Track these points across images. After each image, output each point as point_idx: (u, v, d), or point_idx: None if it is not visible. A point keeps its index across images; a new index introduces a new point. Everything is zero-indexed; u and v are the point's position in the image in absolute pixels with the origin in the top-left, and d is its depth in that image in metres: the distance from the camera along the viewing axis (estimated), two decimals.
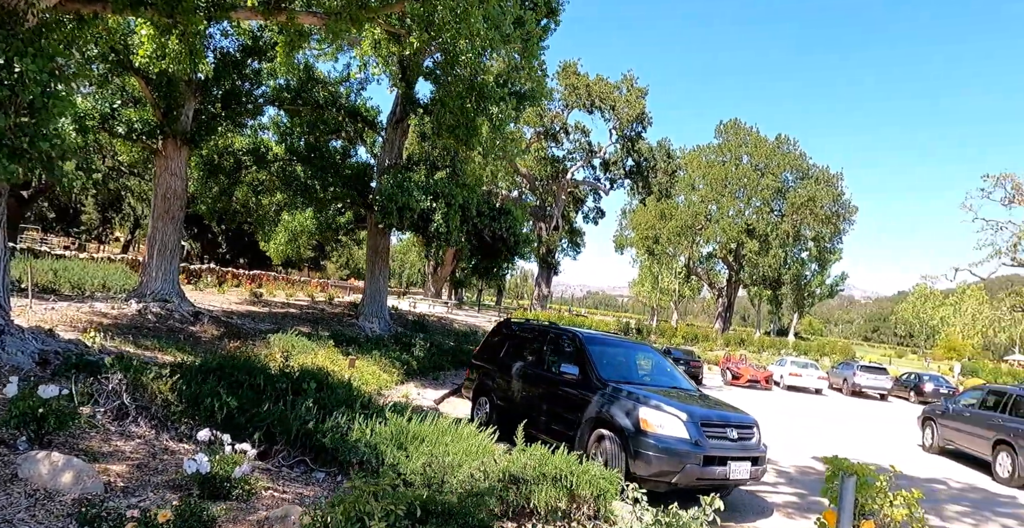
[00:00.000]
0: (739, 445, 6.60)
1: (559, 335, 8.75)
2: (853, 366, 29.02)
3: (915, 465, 12.12)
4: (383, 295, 21.86)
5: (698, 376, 24.41)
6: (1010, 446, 11.10)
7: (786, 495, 8.36)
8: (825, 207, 43.65)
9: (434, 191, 16.70)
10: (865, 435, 15.88)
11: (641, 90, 37.13)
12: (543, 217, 38.97)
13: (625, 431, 6.53)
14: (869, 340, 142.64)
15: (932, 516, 8.26)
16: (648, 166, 38.50)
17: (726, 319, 48.80)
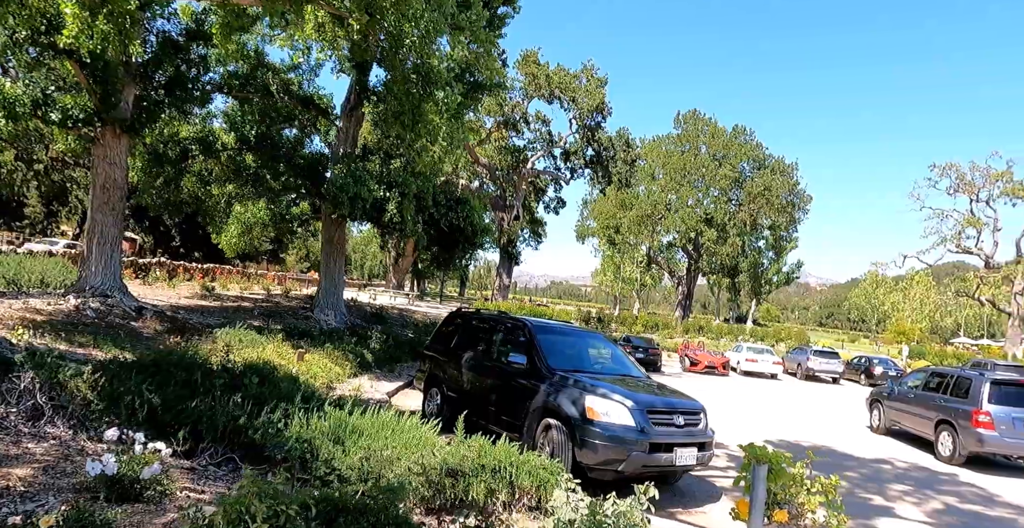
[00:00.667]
0: (685, 431, 6.59)
1: (509, 324, 8.64)
2: (807, 351, 29.72)
3: (863, 446, 12.43)
4: (339, 287, 21.46)
5: (656, 363, 24.70)
6: (951, 425, 11.43)
7: (732, 478, 8.43)
8: (781, 196, 44.51)
9: (387, 181, 16.40)
10: (817, 418, 16.22)
11: (601, 80, 37.15)
12: (503, 207, 38.78)
13: (571, 420, 6.47)
14: (824, 325, 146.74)
15: (877, 495, 8.45)
16: (608, 156, 38.60)
17: (686, 307, 49.50)
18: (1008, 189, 41.40)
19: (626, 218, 43.53)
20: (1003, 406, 10.88)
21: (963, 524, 7.38)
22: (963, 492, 9.23)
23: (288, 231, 29.04)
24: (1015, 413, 10.79)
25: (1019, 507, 8.64)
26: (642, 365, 24.17)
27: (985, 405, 10.89)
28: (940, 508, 8.07)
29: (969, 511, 8.09)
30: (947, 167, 44.11)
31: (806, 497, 2.71)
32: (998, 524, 7.61)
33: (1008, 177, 42.11)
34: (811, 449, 11.79)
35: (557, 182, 42.11)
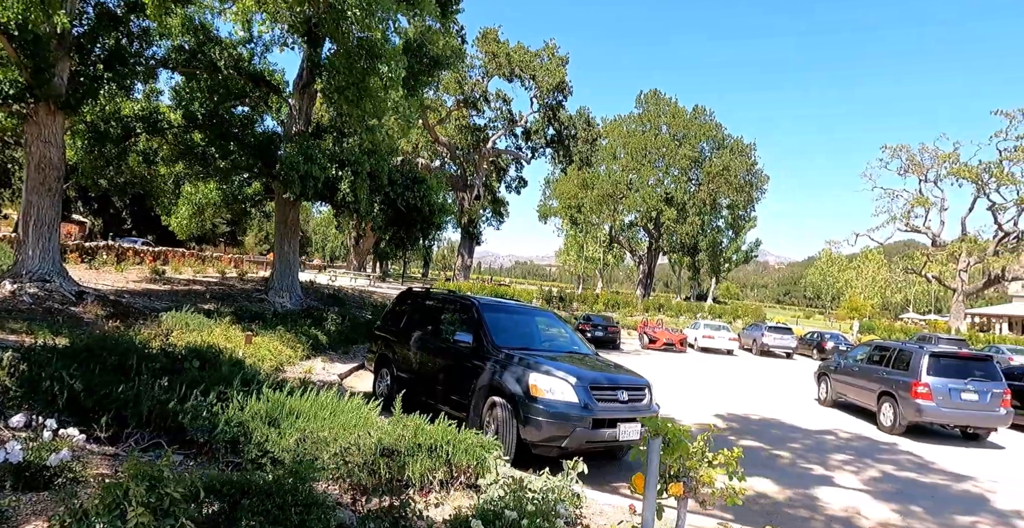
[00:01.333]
0: (629, 407, 6.64)
1: (456, 303, 8.57)
2: (761, 327, 30.41)
3: (809, 418, 12.77)
4: (294, 268, 21.08)
5: (615, 341, 24.99)
6: (892, 397, 11.81)
7: None
8: (739, 176, 45.12)
9: (340, 159, 16.03)
10: (768, 391, 16.61)
11: (562, 58, 36.83)
12: (464, 187, 38.42)
13: (516, 397, 6.46)
14: (781, 302, 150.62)
15: (818, 465, 8.68)
16: (569, 135, 38.45)
17: (647, 286, 50.08)
18: (954, 170, 42.65)
19: (588, 198, 43.63)
20: (940, 378, 11.29)
21: (897, 491, 7.64)
22: (901, 460, 9.56)
23: (241, 212, 28.25)
24: (951, 384, 11.20)
25: (952, 473, 8.99)
26: (601, 343, 24.57)
27: (924, 377, 11.28)
28: (877, 476, 8.34)
29: (905, 478, 8.39)
30: (898, 148, 45.25)
31: (706, 470, 2.70)
32: (931, 490, 7.89)
33: (954, 158, 43.38)
34: (760, 421, 12.11)
35: (518, 161, 41.86)
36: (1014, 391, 13.80)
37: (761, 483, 7.31)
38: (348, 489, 4.84)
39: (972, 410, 11.16)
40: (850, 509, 6.63)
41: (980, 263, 42.63)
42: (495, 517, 3.23)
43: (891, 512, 6.68)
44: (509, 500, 3.49)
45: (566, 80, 36.27)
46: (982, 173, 41.52)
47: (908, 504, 7.03)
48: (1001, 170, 40.95)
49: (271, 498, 2.63)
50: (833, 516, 6.33)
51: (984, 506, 7.33)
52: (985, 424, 11.33)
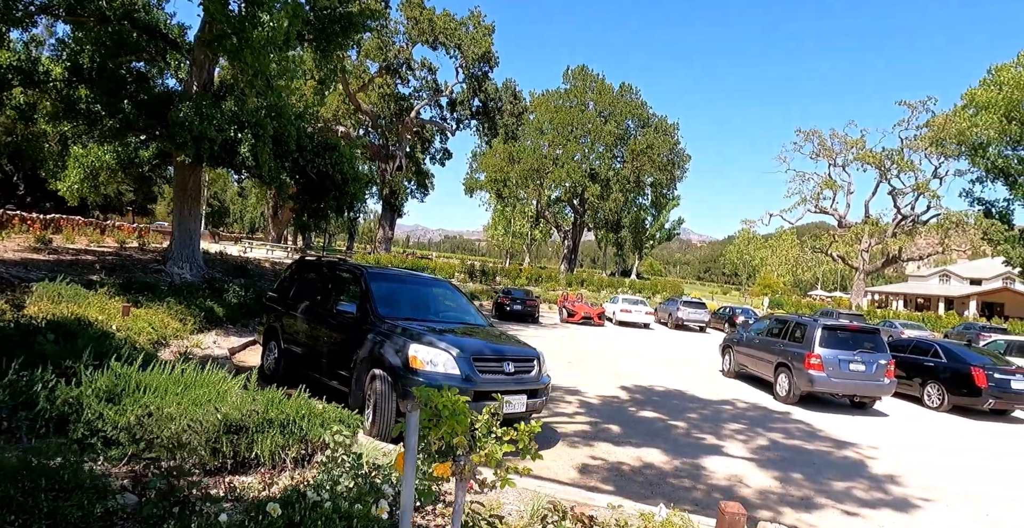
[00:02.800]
0: (515, 378, 6.40)
1: (344, 272, 8.09)
2: (677, 302, 31.19)
3: (711, 389, 13.03)
4: (195, 238, 19.83)
5: (534, 314, 25.00)
6: (788, 368, 12.18)
7: (580, 425, 8.48)
8: (662, 155, 45.82)
9: (240, 120, 14.99)
10: (677, 364, 16.89)
11: (488, 28, 35.94)
12: (386, 157, 37.22)
13: (395, 370, 6.11)
14: (702, 279, 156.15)
15: (710, 435, 8.77)
16: (495, 107, 37.80)
17: (571, 261, 50.53)
18: (859, 155, 44.78)
19: (513, 172, 43.31)
20: (832, 349, 11.70)
21: (782, 458, 7.79)
22: (791, 429, 9.83)
23: (140, 177, 26.37)
24: (841, 355, 11.63)
25: (836, 440, 9.30)
26: (520, 316, 24.46)
27: (816, 348, 11.66)
28: (766, 444, 8.51)
29: (792, 446, 8.59)
30: (810, 133, 47.07)
31: (494, 445, 2.43)
32: (813, 456, 8.10)
33: (861, 145, 45.51)
34: (663, 392, 12.22)
35: (443, 133, 40.94)
36: (901, 362, 14.64)
37: (651, 454, 7.29)
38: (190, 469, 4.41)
39: (859, 380, 11.65)
40: (733, 478, 6.67)
41: (880, 244, 45.17)
42: (299, 499, 2.90)
43: (772, 479, 6.77)
44: (322, 479, 3.15)
45: (492, 50, 35.47)
46: (885, 160, 43.78)
47: (790, 471, 7.16)
48: (901, 157, 43.29)
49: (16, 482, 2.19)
50: (716, 485, 6.34)
51: (861, 471, 7.56)
52: (871, 393, 11.88)
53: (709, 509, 5.52)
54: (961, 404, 13.11)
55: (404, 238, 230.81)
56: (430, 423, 2.34)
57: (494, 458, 2.40)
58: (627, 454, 7.13)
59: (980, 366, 13.00)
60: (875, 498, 6.49)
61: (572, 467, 6.40)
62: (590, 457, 6.86)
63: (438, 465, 2.20)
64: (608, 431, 8.26)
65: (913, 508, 6.31)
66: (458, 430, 2.30)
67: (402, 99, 37.93)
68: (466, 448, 2.34)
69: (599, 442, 7.59)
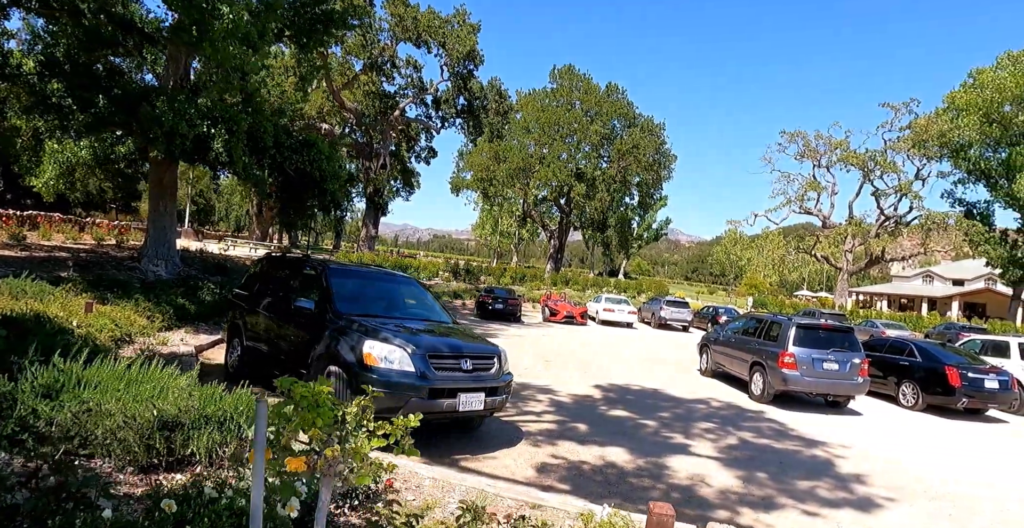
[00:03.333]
0: (473, 376, 6.28)
1: (306, 268, 7.95)
2: (660, 301, 31.20)
3: (687, 388, 12.96)
4: (170, 234, 19.55)
5: (516, 313, 24.90)
6: (762, 366, 12.14)
7: (546, 423, 8.37)
8: (648, 154, 45.82)
9: (213, 116, 14.77)
10: (656, 362, 16.83)
11: (473, 26, 35.76)
12: (370, 155, 36.94)
13: (350, 366, 5.99)
14: (690, 279, 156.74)
15: (679, 434, 8.69)
16: (480, 106, 37.60)
17: (558, 260, 50.46)
18: (843, 156, 45.05)
19: (499, 171, 43.18)
20: (805, 348, 11.67)
21: (749, 457, 7.72)
22: (762, 428, 9.77)
23: (118, 173, 26.00)
24: (815, 354, 11.60)
25: (807, 439, 9.25)
26: (502, 315, 24.35)
27: (790, 347, 11.62)
28: (735, 443, 8.44)
29: (761, 445, 8.53)
30: (795, 134, 47.29)
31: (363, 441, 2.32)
32: (781, 455, 8.04)
33: (845, 146, 45.78)
34: (638, 391, 12.14)
35: (428, 131, 40.69)
36: (877, 362, 14.67)
37: (615, 453, 7.19)
38: (124, 466, 4.29)
39: (833, 379, 11.62)
40: (696, 477, 6.59)
41: (863, 245, 45.45)
42: (198, 494, 2.79)
43: (735, 479, 6.70)
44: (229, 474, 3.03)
45: (477, 49, 35.29)
46: (868, 161, 44.05)
47: (755, 471, 7.09)
48: (884, 158, 43.57)
49: None
50: (676, 484, 6.25)
51: (828, 471, 7.50)
52: (844, 392, 11.85)
53: None
54: (935, 403, 13.13)
55: (392, 237, 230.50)
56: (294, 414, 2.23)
57: (359, 453, 2.27)
58: (590, 453, 7.04)
59: (954, 365, 13.02)
60: (838, 498, 6.43)
61: (531, 466, 6.30)
62: (551, 456, 6.75)
63: (291, 459, 2.08)
64: (575, 430, 8.17)
65: (876, 508, 6.26)
66: (318, 422, 2.19)
67: (387, 97, 37.68)
68: (321, 442, 2.22)
69: (563, 441, 7.49)
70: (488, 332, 20.11)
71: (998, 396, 13.02)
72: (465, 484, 4.87)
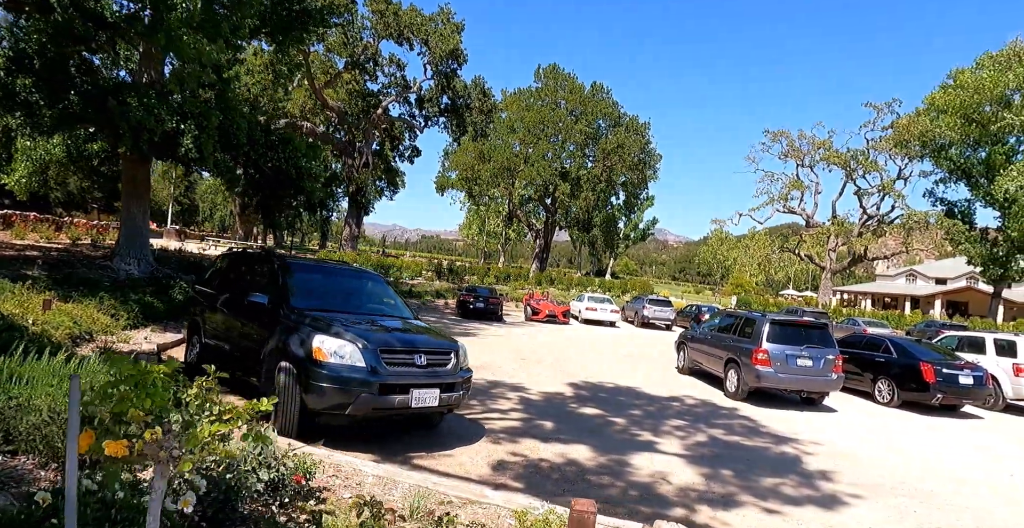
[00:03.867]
0: (428, 372, 6.12)
1: (263, 263, 7.76)
2: (643, 300, 31.13)
3: (663, 386, 12.84)
4: (143, 232, 19.22)
5: (497, 312, 24.73)
6: (736, 363, 12.05)
7: (512, 421, 8.22)
8: (633, 154, 45.78)
9: (182, 111, 14.51)
10: (635, 361, 16.69)
11: (457, 25, 35.55)
12: (353, 154, 36.64)
13: (299, 361, 5.82)
14: (677, 279, 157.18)
15: (649, 431, 8.57)
16: (463, 104, 37.39)
17: (543, 260, 50.34)
18: (825, 156, 45.25)
19: (484, 170, 42.98)
20: (779, 344, 11.58)
21: (716, 454, 7.61)
22: (733, 425, 9.67)
23: (92, 171, 25.57)
24: (788, 350, 11.52)
25: (778, 436, 9.16)
26: (483, 314, 24.14)
27: (764, 344, 11.54)
28: (704, 440, 8.33)
29: (730, 442, 8.42)
30: (779, 134, 47.43)
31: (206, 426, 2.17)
32: (750, 452, 7.94)
33: (828, 145, 45.98)
34: (612, 389, 12.01)
35: (412, 130, 40.40)
36: (853, 358, 14.65)
37: (579, 450, 7.05)
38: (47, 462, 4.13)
39: (807, 375, 11.55)
40: (657, 475, 6.46)
41: (846, 244, 45.67)
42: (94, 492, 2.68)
43: (699, 476, 6.57)
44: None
45: (461, 47, 35.06)
46: (850, 160, 44.26)
47: (720, 468, 6.97)
48: (866, 158, 43.81)
49: None
50: (636, 483, 6.12)
51: (795, 468, 7.41)
52: (818, 388, 11.77)
53: (620, 506, 5.29)
54: (910, 399, 13.10)
55: (380, 237, 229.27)
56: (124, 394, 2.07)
57: (194, 438, 2.11)
58: (552, 451, 6.89)
59: (929, 362, 13.00)
60: (802, 495, 6.32)
61: (487, 463, 6.14)
62: (511, 454, 6.60)
63: (109, 443, 1.92)
64: (540, 428, 8.02)
65: (840, 505, 6.15)
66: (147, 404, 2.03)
67: (370, 95, 37.40)
68: (141, 425, 2.05)
69: (526, 439, 7.34)
70: (467, 331, 19.95)
71: (973, 392, 13.02)
72: (410, 481, 4.70)
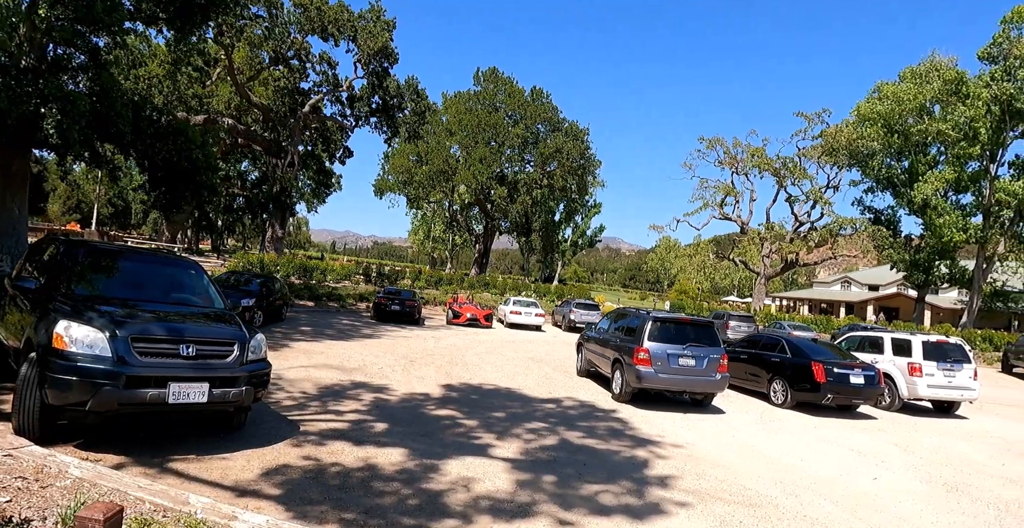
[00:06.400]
0: (196, 364, 5.37)
1: (46, 245, 6.91)
2: (570, 304, 30.78)
3: (552, 388, 12.26)
4: (20, 229, 17.82)
5: (414, 315, 23.97)
6: (621, 364, 11.59)
7: (340, 423, 7.52)
8: (572, 159, 45.65)
9: (42, 94, 13.40)
10: (539, 363, 16.02)
11: (388, 22, 34.72)
12: (278, 153, 35.34)
13: (41, 351, 5.05)
14: (627, 286, 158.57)
15: (494, 434, 7.95)
16: (395, 105, 36.57)
17: (482, 265, 49.66)
18: (757, 163, 46.00)
19: (420, 172, 42.15)
20: (662, 343, 11.14)
21: (553, 459, 7.04)
22: (599, 428, 9.13)
23: None
24: (670, 350, 11.09)
25: (642, 439, 8.65)
26: (399, 317, 23.21)
27: (646, 343, 11.09)
28: (552, 444, 7.75)
29: (580, 446, 7.85)
30: (714, 141, 48.02)
31: None
32: (596, 456, 7.39)
33: (761, 153, 46.76)
34: (491, 391, 11.34)
35: (344, 130, 39.32)
36: (752, 358, 14.42)
37: (391, 455, 6.38)
38: None
39: (689, 375, 11.13)
40: (461, 481, 5.82)
41: (779, 250, 46.43)
42: None
43: (511, 483, 5.96)
44: None
45: (392, 46, 34.20)
46: (781, 168, 45.09)
47: (546, 474, 6.39)
48: (796, 166, 44.70)
49: None
50: (428, 490, 5.46)
51: (634, 473, 6.87)
52: (701, 389, 11.35)
53: (379, 518, 4.64)
54: (803, 400, 12.86)
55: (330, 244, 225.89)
56: None
57: None
58: (356, 455, 6.20)
59: (821, 361, 12.80)
60: (619, 504, 5.77)
61: (261, 469, 5.41)
62: (302, 458, 5.89)
63: None
64: (367, 430, 7.33)
65: (656, 514, 5.60)
66: None
67: (300, 93, 36.22)
68: None
69: (339, 442, 6.63)
70: (374, 334, 19.14)
71: (863, 391, 12.85)
72: (108, 485, 3.97)
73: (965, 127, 36.86)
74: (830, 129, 42.93)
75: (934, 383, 13.99)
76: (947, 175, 37.57)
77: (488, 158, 42.80)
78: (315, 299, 27.77)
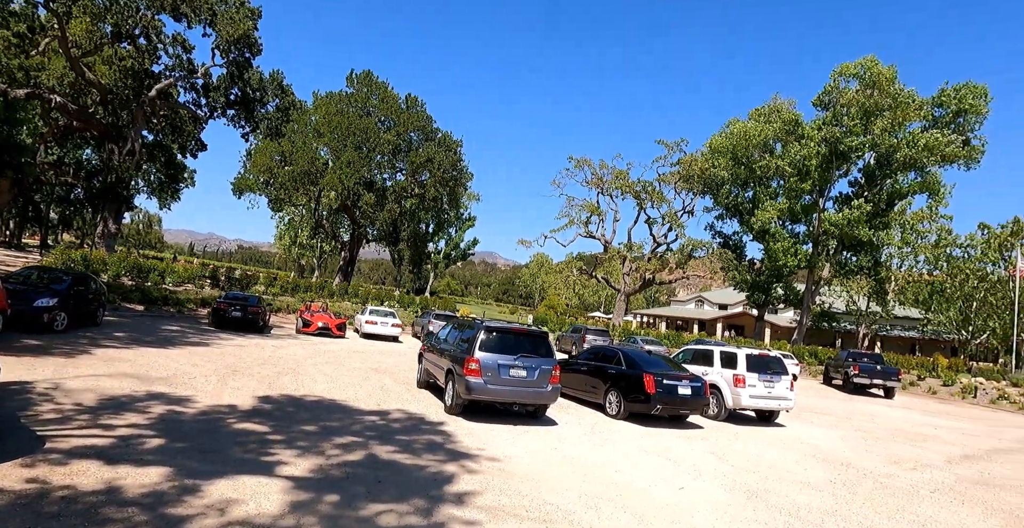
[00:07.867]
0: None
1: None
2: (429, 315, 30.27)
3: (383, 401, 11.65)
4: None
5: (257, 322, 22.42)
6: (452, 375, 11.23)
7: (104, 438, 6.52)
8: (443, 169, 45.26)
9: None
10: (380, 374, 15.32)
11: (253, 10, 32.61)
12: (116, 138, 31.89)
13: None
14: (500, 301, 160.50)
15: (294, 451, 7.26)
16: (257, 98, 34.39)
17: (347, 273, 47.83)
18: (619, 184, 48.23)
19: (283, 173, 40.00)
20: (493, 354, 10.90)
21: (348, 475, 6.49)
22: (416, 441, 8.67)
23: None
24: (501, 360, 10.88)
25: (457, 453, 8.29)
26: (241, 324, 21.48)
27: (476, 352, 10.82)
28: (355, 460, 7.19)
29: (385, 461, 7.35)
30: (582, 161, 49.73)
31: None
32: (397, 472, 6.92)
33: (624, 176, 49.04)
34: (313, 403, 10.46)
35: (197, 121, 36.40)
36: (591, 370, 14.60)
37: (144, 474, 5.55)
38: None
39: (520, 387, 10.96)
40: (218, 505, 5.09)
41: (637, 270, 48.72)
42: None
43: (282, 504, 5.34)
44: None
45: (255, 36, 32.15)
46: (641, 191, 47.53)
47: (329, 493, 5.82)
48: (654, 189, 47.29)
49: None
50: (167, 515, 4.73)
51: (432, 490, 6.46)
52: (532, 400, 11.20)
53: None
54: (635, 410, 13.12)
55: (189, 246, 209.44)
56: None
57: None
58: (102, 476, 5.32)
59: (652, 373, 13.14)
60: (400, 525, 5.32)
61: None
62: (26, 480, 4.96)
63: None
64: (136, 446, 6.41)
65: None
66: None
67: (149, 76, 33.11)
68: None
69: (89, 460, 5.70)
70: (203, 341, 17.53)
71: (690, 402, 13.32)
72: None
73: (799, 164, 40.75)
74: (686, 157, 45.85)
75: (756, 393, 14.86)
76: (783, 205, 41.25)
77: (357, 162, 41.41)
78: (148, 303, 25.22)
